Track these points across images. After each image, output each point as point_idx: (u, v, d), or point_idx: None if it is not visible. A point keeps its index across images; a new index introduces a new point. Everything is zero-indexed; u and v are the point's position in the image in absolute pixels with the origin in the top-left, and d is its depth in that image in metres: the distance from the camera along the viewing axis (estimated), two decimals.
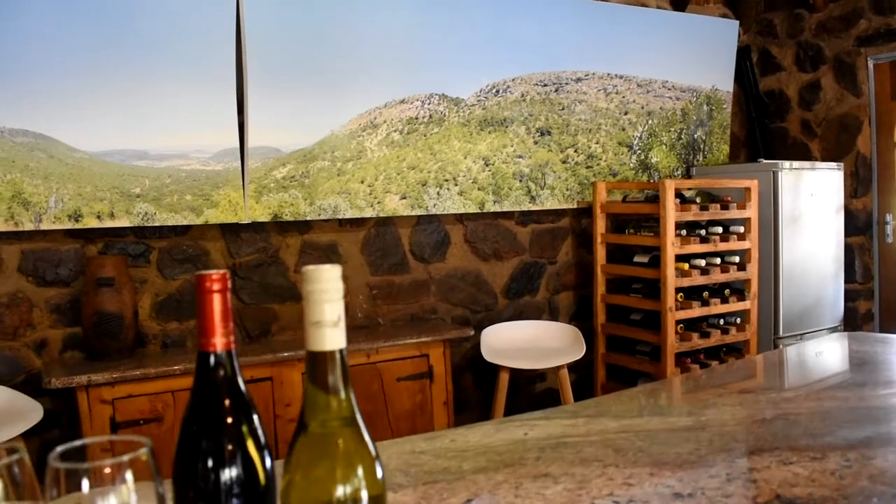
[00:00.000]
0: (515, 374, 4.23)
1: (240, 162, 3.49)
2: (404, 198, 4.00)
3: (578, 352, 3.98)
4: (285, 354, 3.31)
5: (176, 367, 3.03)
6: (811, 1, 5.08)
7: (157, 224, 3.32)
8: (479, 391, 4.35)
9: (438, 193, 4.11)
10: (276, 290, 3.76)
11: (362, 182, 3.85)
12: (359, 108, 3.83)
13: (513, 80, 4.32)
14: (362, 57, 3.79)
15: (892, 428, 1.58)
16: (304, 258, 3.82)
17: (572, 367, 4.65)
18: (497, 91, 4.27)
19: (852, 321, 4.97)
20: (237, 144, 3.48)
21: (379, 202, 3.92)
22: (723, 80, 5.15)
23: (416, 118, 4.01)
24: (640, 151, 4.82)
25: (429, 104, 4.04)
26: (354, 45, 3.76)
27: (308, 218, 3.72)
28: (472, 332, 3.89)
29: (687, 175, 5.01)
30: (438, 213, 4.12)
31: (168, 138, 3.34)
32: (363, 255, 4.01)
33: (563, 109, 4.50)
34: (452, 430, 1.65)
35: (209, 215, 3.43)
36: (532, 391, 4.57)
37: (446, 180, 4.13)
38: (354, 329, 3.91)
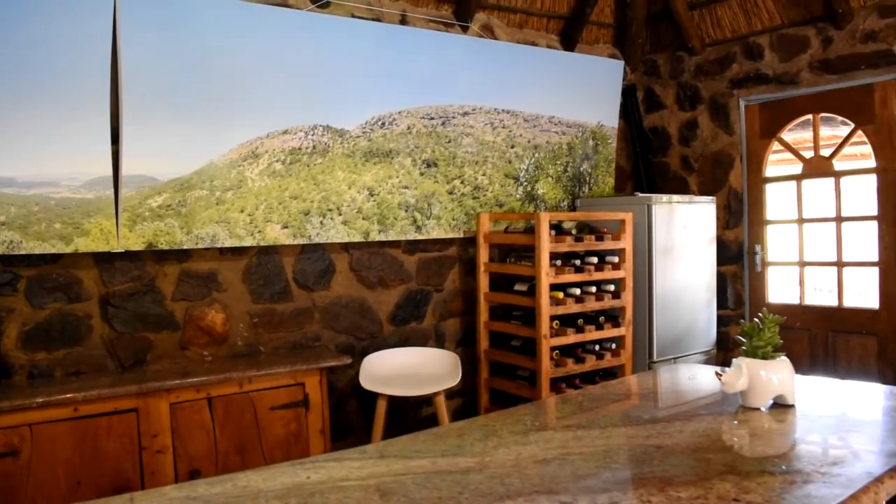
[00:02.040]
0: (399, 400, 4.34)
1: (113, 190, 3.52)
2: (286, 227, 4.07)
3: (455, 378, 4.10)
4: (153, 385, 3.33)
5: (36, 400, 3.04)
6: (691, 44, 5.37)
7: (23, 252, 3.33)
8: (362, 418, 4.43)
9: (322, 223, 4.20)
10: (151, 319, 3.78)
11: (242, 211, 3.92)
12: (239, 137, 3.90)
13: (399, 112, 4.44)
14: (243, 87, 3.86)
15: (657, 469, 1.71)
16: (183, 287, 3.86)
17: (458, 391, 4.80)
18: (383, 123, 4.39)
19: (724, 345, 5.23)
20: (110, 172, 3.51)
21: (259, 231, 3.99)
22: (609, 117, 5.38)
23: (300, 148, 4.09)
24: (526, 183, 5.00)
25: (312, 135, 4.14)
26: (235, 75, 3.82)
27: (185, 247, 3.76)
28: (350, 360, 3.97)
29: (572, 206, 5.22)
30: (322, 241, 4.21)
31: (38, 166, 3.35)
32: (244, 284, 4.06)
33: (449, 142, 4.65)
34: (244, 473, 1.73)
35: (79, 244, 3.44)
36: (418, 416, 4.68)
37: (330, 210, 4.22)
38: (234, 357, 3.97)
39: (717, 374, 2.23)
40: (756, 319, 2.25)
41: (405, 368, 4.33)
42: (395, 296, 4.58)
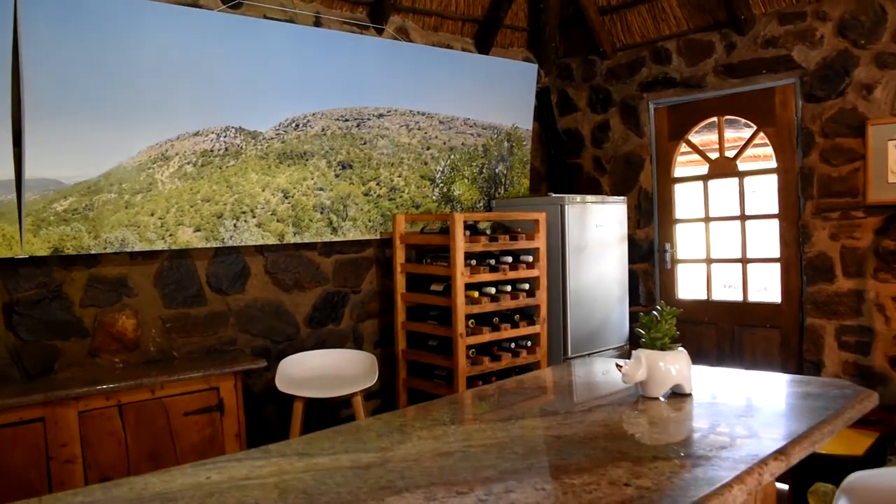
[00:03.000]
0: (317, 402, 4.31)
1: (15, 194, 3.41)
2: (198, 230, 4.01)
3: (372, 379, 4.11)
4: (60, 393, 3.23)
5: None
6: (602, 49, 5.51)
7: None
8: (280, 421, 4.39)
9: (235, 225, 4.15)
10: (58, 327, 3.66)
11: (152, 214, 3.84)
12: (149, 139, 3.82)
13: (313, 114, 4.43)
14: (153, 88, 3.78)
15: (554, 458, 1.77)
16: (91, 292, 3.76)
17: (377, 392, 4.81)
18: (297, 125, 4.37)
19: (637, 340, 5.37)
20: (12, 176, 3.39)
21: (171, 234, 3.91)
22: (523, 119, 5.48)
23: (212, 150, 4.03)
24: (442, 185, 5.05)
25: (225, 137, 4.08)
26: (144, 75, 3.74)
27: (93, 251, 3.66)
28: (266, 363, 3.93)
29: (488, 207, 5.29)
30: (236, 244, 4.15)
31: None
32: (156, 288, 3.98)
33: (364, 144, 4.65)
34: (142, 476, 1.71)
35: None
36: (337, 418, 4.66)
37: (243, 212, 4.17)
38: (146, 363, 3.88)
39: (617, 366, 2.30)
40: (654, 312, 2.33)
41: (322, 370, 4.31)
42: (311, 298, 4.56)
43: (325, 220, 4.50)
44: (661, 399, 2.26)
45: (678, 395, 2.29)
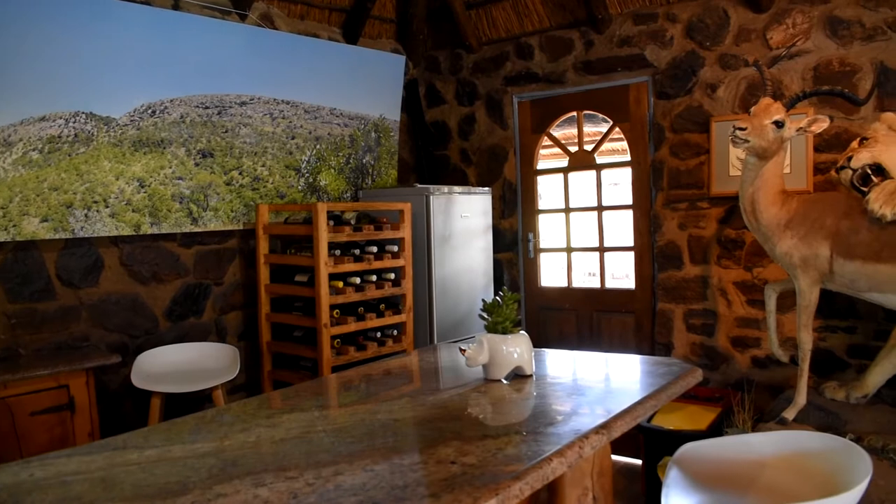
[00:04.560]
0: (178, 397, 4.20)
1: None
2: (46, 220, 3.82)
3: (233, 371, 4.05)
4: None
5: None
6: (468, 43, 5.60)
7: None
8: (139, 418, 4.25)
9: (87, 216, 3.98)
10: None
11: None
12: None
13: (171, 101, 4.30)
14: None
15: (389, 440, 1.80)
16: None
17: (243, 385, 4.73)
18: (153, 112, 4.23)
19: None
20: None
21: (15, 225, 3.71)
22: (391, 110, 5.51)
23: (59, 137, 3.85)
24: (308, 175, 5.01)
25: (74, 122, 3.91)
26: None
27: None
28: (121, 359, 3.80)
29: (355, 198, 5.30)
30: (88, 235, 3.99)
31: None
32: None
33: (226, 132, 4.56)
34: None
35: None
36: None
37: (95, 202, 4.01)
38: None
39: (461, 350, 2.37)
40: (496, 297, 2.41)
41: (182, 365, 4.20)
42: (171, 290, 4.43)
43: (185, 211, 4.38)
44: (504, 381, 2.34)
45: (520, 377, 2.38)
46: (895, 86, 3.98)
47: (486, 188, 5.41)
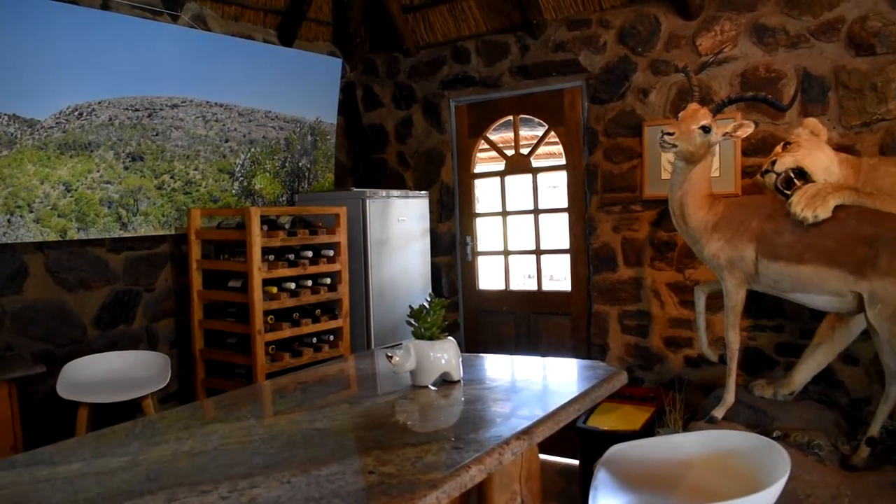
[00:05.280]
0: (106, 407, 4.09)
1: None
2: None
3: (164, 380, 3.96)
4: None
5: None
6: (405, 46, 5.59)
7: None
8: (67, 430, 4.12)
9: (9, 221, 3.85)
10: None
11: None
12: None
13: (99, 103, 4.19)
14: None
15: (310, 451, 1.78)
16: None
17: (175, 394, 4.64)
18: (80, 114, 4.12)
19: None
20: None
21: None
22: (327, 113, 5.46)
23: None
24: (242, 178, 4.94)
25: None
26: None
27: None
28: (45, 369, 3.68)
29: (291, 202, 5.24)
30: (10, 241, 3.86)
31: None
32: None
33: (157, 135, 4.46)
34: None
35: None
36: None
37: (19, 207, 3.88)
38: None
39: (388, 356, 2.36)
40: (423, 303, 2.40)
41: (111, 374, 4.09)
42: (100, 298, 4.32)
43: (114, 215, 4.27)
44: (431, 387, 2.34)
45: (448, 383, 2.38)
46: (818, 92, 4.10)
47: (424, 192, 5.41)
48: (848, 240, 3.24)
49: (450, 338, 2.40)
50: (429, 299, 2.42)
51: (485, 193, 5.62)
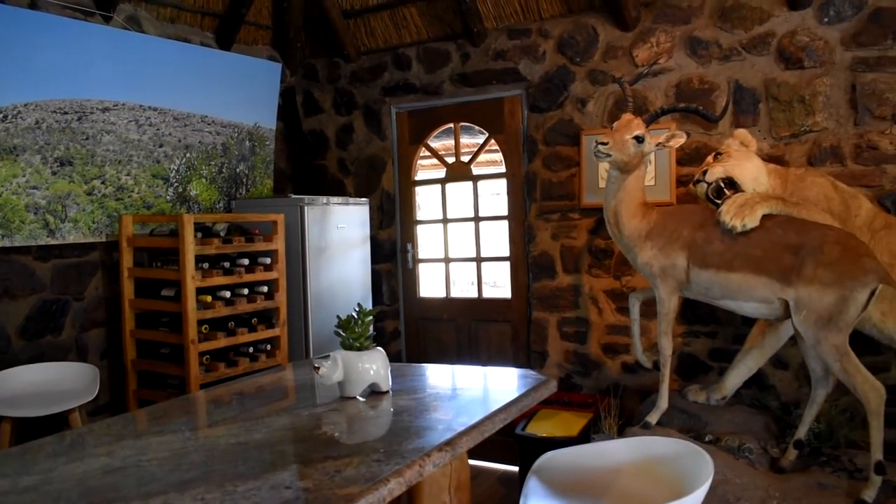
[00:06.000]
0: (32, 422, 3.95)
1: None
2: None
3: (93, 392, 3.85)
4: None
5: None
6: (346, 52, 5.56)
7: None
8: None
9: None
10: None
11: None
12: None
13: (25, 105, 4.06)
14: None
15: (228, 466, 1.73)
16: None
17: (106, 406, 4.51)
18: (5, 116, 3.98)
19: (381, 339, 5.51)
20: None
21: None
22: (266, 118, 5.39)
23: None
24: (177, 184, 4.84)
25: None
26: None
27: None
28: None
29: (228, 208, 5.16)
30: None
31: None
32: None
33: (87, 139, 4.34)
34: None
35: None
36: None
37: None
38: None
39: (315, 367, 2.33)
40: (352, 313, 2.38)
41: (36, 386, 3.96)
42: (25, 307, 4.18)
43: (41, 222, 4.14)
44: (359, 398, 2.31)
45: (376, 394, 2.35)
46: (749, 103, 4.19)
47: (364, 199, 5.37)
48: (775, 248, 3.32)
49: (378, 348, 2.37)
50: (357, 309, 2.40)
51: (426, 201, 5.62)
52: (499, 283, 6.61)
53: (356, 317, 2.35)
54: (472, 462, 4.89)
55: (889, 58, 3.85)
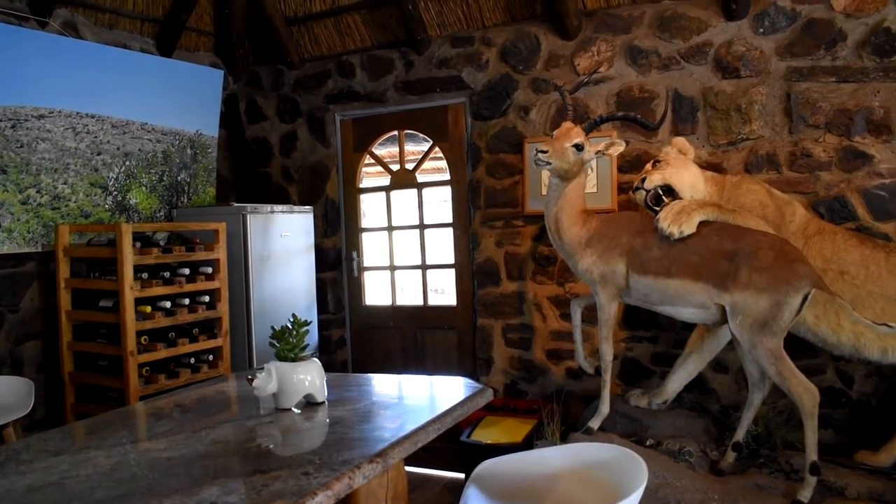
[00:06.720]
0: None
1: None
2: None
3: (27, 407, 3.74)
4: None
5: None
6: (290, 59, 5.52)
7: None
8: None
9: None
10: None
11: None
12: None
13: None
14: None
15: (154, 482, 1.70)
16: None
17: (42, 420, 4.40)
18: None
19: (327, 348, 5.47)
20: None
21: None
22: (208, 126, 5.33)
23: None
24: (116, 193, 4.75)
25: None
26: None
27: None
28: None
29: (169, 217, 5.08)
30: None
31: None
32: None
33: (21, 147, 4.23)
34: None
35: None
36: None
37: None
38: None
39: (248, 379, 2.30)
40: (287, 323, 2.36)
41: None
42: None
43: None
44: (294, 410, 2.29)
45: (311, 405, 2.34)
46: (688, 112, 4.28)
47: (309, 207, 5.34)
48: (711, 254, 3.38)
49: (314, 359, 2.36)
50: (291, 320, 2.38)
51: (371, 208, 5.60)
52: (446, 290, 6.63)
53: (291, 327, 2.33)
54: (418, 470, 4.92)
55: (822, 67, 3.96)
